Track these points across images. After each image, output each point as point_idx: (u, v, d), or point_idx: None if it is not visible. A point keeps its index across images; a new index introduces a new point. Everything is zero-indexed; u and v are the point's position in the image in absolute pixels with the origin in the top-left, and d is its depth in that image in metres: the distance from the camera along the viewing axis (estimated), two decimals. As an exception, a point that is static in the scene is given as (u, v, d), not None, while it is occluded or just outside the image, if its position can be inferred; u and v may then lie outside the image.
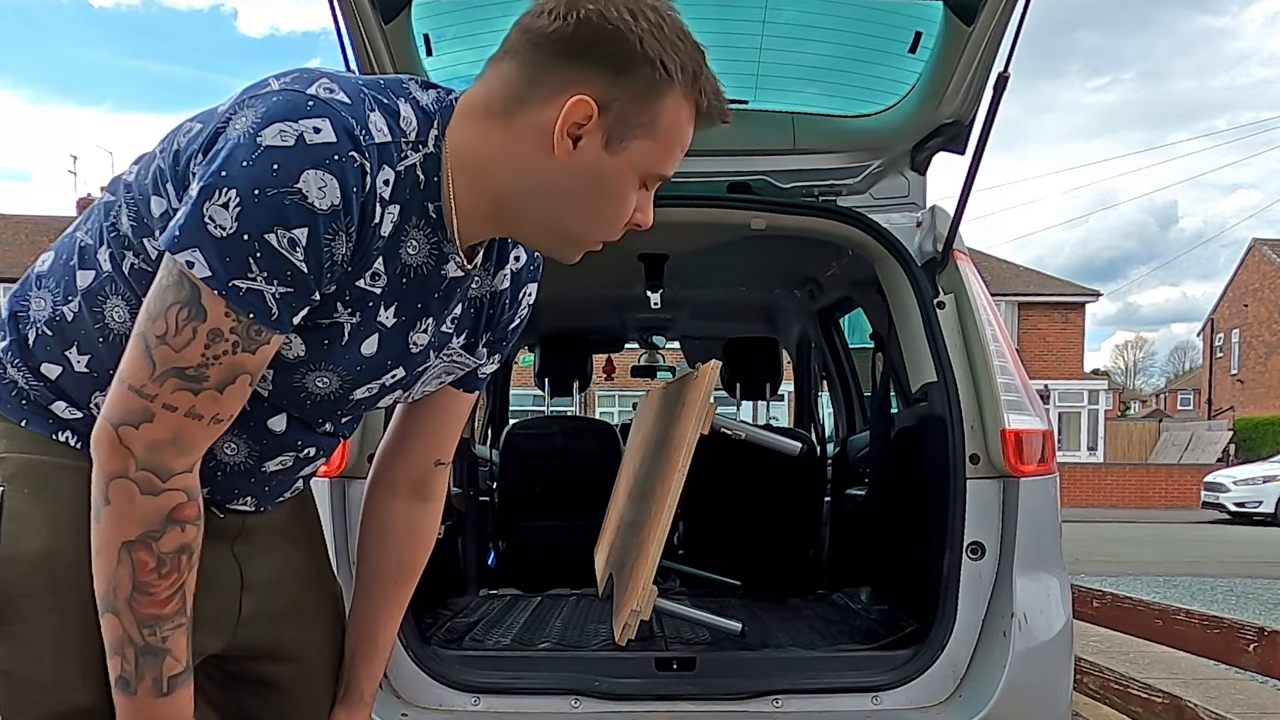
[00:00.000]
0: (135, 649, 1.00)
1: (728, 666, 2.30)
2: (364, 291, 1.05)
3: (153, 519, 0.98)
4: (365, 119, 0.98)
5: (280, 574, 1.26)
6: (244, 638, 1.22)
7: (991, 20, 2.28)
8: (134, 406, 0.96)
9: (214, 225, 0.92)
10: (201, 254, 0.93)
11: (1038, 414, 2.33)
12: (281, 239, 0.94)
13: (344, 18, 2.25)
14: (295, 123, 0.94)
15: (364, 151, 0.97)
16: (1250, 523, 17.07)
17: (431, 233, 1.07)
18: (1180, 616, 3.16)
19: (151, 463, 0.97)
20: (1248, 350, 34.44)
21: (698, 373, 2.63)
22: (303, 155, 0.93)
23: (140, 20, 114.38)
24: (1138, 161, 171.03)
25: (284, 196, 0.93)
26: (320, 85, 0.98)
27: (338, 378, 1.10)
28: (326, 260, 0.97)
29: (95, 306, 1.05)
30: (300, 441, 1.17)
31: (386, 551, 1.35)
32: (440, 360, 1.21)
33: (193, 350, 0.96)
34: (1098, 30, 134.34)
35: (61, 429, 1.08)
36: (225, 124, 0.97)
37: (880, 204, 2.75)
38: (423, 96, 1.07)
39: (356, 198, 0.97)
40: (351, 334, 1.07)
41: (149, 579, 0.99)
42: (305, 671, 1.32)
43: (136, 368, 0.96)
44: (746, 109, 2.75)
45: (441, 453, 1.34)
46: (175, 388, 0.96)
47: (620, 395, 24.25)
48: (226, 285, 0.94)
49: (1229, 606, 7.49)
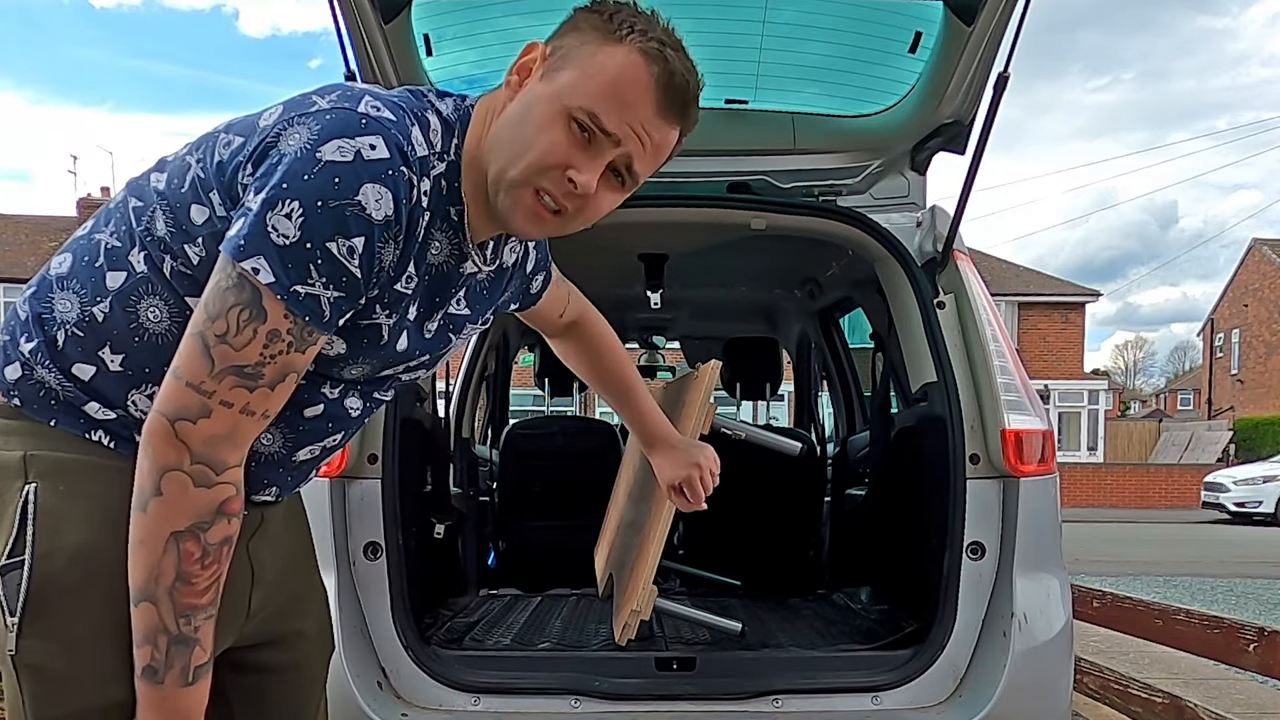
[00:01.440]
0: (169, 638, 1.02)
1: (728, 666, 2.30)
2: (399, 294, 1.13)
3: (204, 511, 1.02)
4: (410, 134, 1.06)
5: (283, 567, 1.30)
6: (250, 630, 1.26)
7: (991, 20, 2.28)
8: (191, 402, 1.00)
9: (277, 234, 0.99)
10: (266, 261, 0.99)
11: (1038, 414, 2.33)
12: (342, 247, 1.01)
13: (344, 18, 2.25)
14: (352, 139, 1.01)
15: (412, 165, 1.05)
16: (1250, 523, 17.06)
17: (453, 234, 1.16)
18: (1180, 616, 3.16)
19: (208, 456, 1.01)
20: (1248, 350, 34.43)
21: (698, 373, 2.63)
22: (362, 170, 1.00)
23: (141, 20, 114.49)
24: (1138, 161, 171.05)
25: (345, 208, 1.00)
26: (368, 103, 1.05)
27: (369, 367, 1.18)
28: (377, 266, 1.05)
29: (129, 307, 1.09)
30: (331, 425, 1.22)
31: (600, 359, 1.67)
32: (459, 339, 1.30)
33: (252, 349, 1.01)
34: (1098, 30, 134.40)
35: (94, 429, 1.10)
36: (276, 139, 1.02)
37: (880, 204, 2.75)
38: (443, 107, 1.14)
39: (405, 208, 1.05)
40: (390, 334, 1.15)
41: (193, 569, 1.02)
42: (300, 659, 1.35)
43: (195, 364, 1.01)
44: (746, 109, 2.75)
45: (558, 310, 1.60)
46: (233, 385, 1.01)
47: (620, 395, 24.22)
48: (288, 290, 1.00)
49: (1229, 606, 7.49)
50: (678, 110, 1.11)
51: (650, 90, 1.08)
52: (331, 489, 2.24)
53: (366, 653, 2.24)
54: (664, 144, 1.14)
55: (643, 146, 1.11)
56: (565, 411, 8.74)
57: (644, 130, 1.10)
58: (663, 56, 1.08)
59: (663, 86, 1.08)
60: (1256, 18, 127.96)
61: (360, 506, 2.27)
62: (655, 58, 1.08)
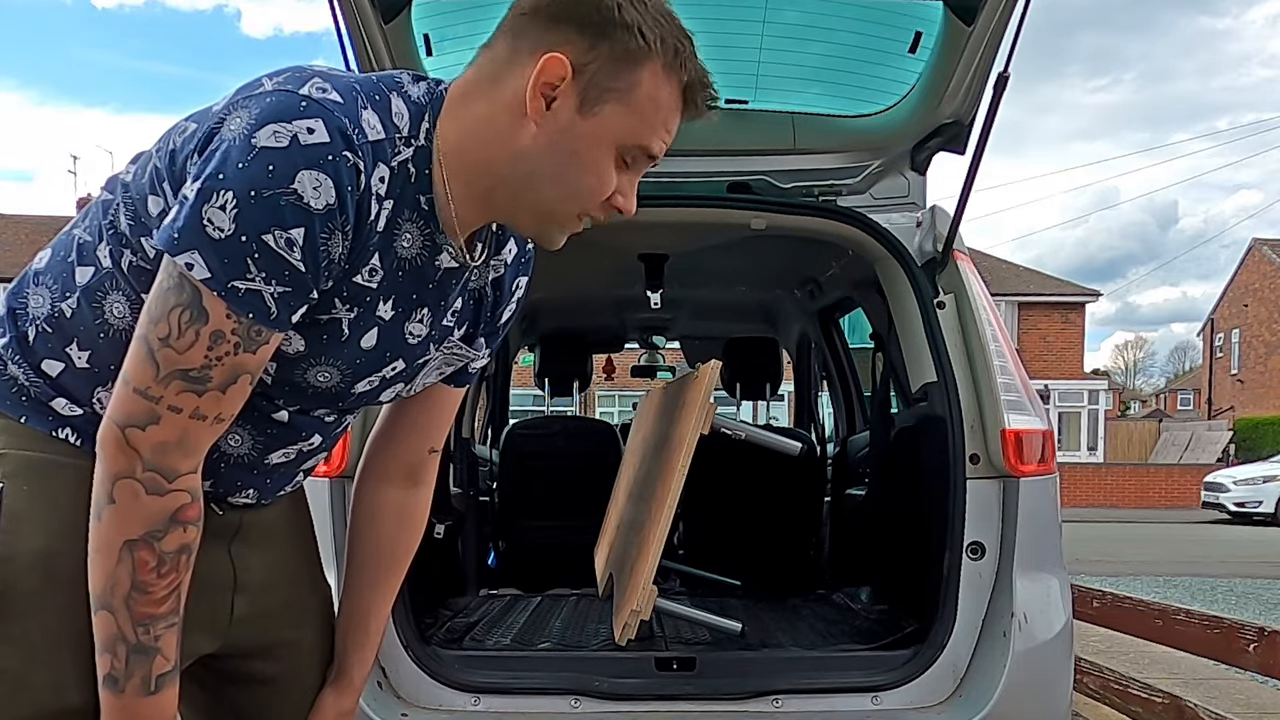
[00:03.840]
0: (128, 647, 1.00)
1: (728, 666, 2.30)
2: (361, 287, 1.06)
3: (157, 519, 0.99)
4: (358, 117, 0.99)
5: (273, 574, 1.26)
6: (236, 638, 1.22)
7: (991, 20, 2.28)
8: (139, 409, 0.97)
9: (212, 227, 0.93)
10: (200, 256, 0.94)
11: (1038, 414, 2.33)
12: (279, 239, 0.95)
13: (344, 18, 2.25)
14: (289, 123, 0.94)
15: (357, 150, 0.98)
16: (1250, 523, 17.07)
17: (424, 225, 1.08)
18: (1180, 616, 3.16)
19: (158, 464, 0.98)
20: (1248, 350, 34.43)
21: (698, 373, 2.63)
22: (297, 156, 0.94)
23: (143, 21, 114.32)
24: (1138, 161, 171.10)
25: (280, 197, 0.94)
26: (313, 85, 0.98)
27: (338, 371, 1.11)
28: (323, 259, 0.99)
29: (95, 302, 1.06)
30: (304, 432, 1.17)
31: (379, 537, 1.36)
32: (440, 353, 1.22)
33: (196, 352, 0.97)
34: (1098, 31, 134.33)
35: (61, 426, 1.08)
36: (219, 124, 0.97)
37: (880, 204, 2.74)
38: (414, 90, 1.07)
39: (351, 196, 0.98)
40: (350, 329, 1.08)
41: (148, 578, 0.99)
42: (294, 671, 1.32)
43: (140, 370, 0.97)
44: (746, 109, 2.75)
45: (434, 441, 1.35)
46: (180, 390, 0.97)
47: (620, 395, 24.25)
48: (226, 287, 0.95)
49: (1229, 606, 7.49)
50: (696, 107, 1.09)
51: (679, 102, 1.07)
52: (331, 489, 2.24)
53: (366, 653, 2.23)
54: None
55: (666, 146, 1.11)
56: (565, 411, 8.73)
57: (670, 134, 1.09)
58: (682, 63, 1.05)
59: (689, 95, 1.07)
60: (1257, 18, 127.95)
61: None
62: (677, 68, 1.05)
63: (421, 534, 1.39)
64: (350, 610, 1.37)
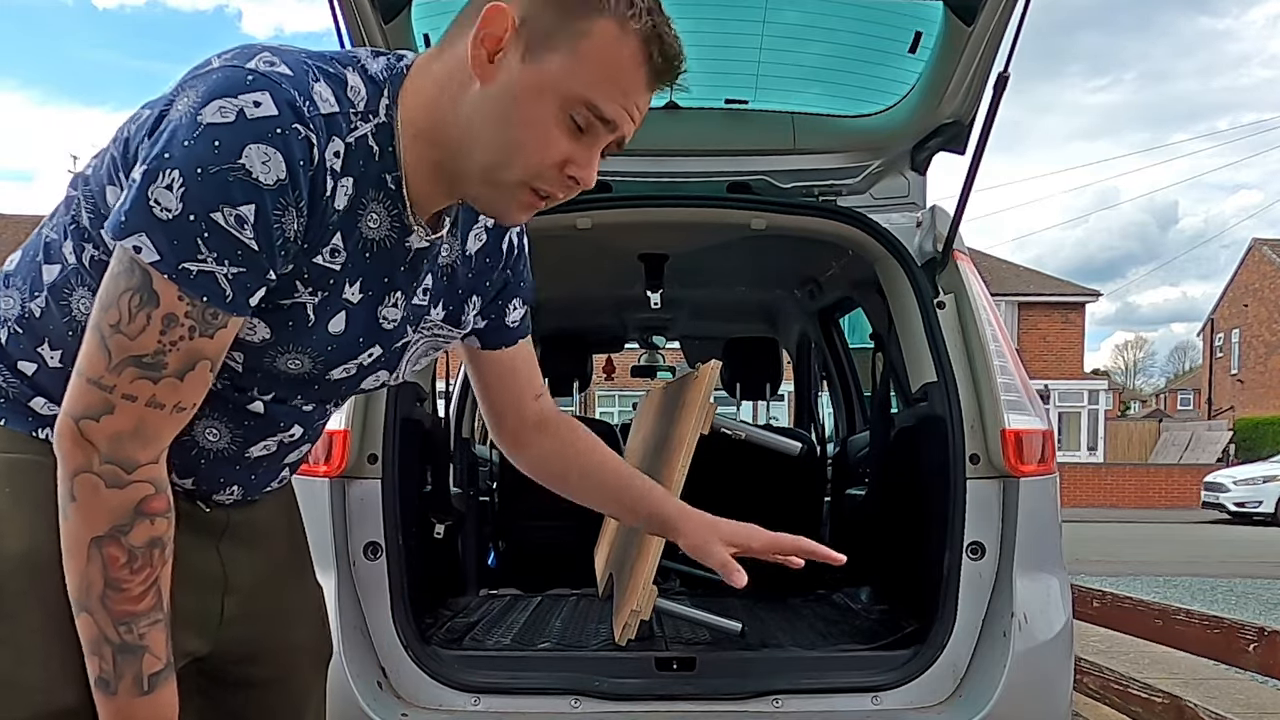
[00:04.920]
0: (112, 648, 0.99)
1: (728, 666, 2.30)
2: (324, 269, 1.03)
3: (120, 513, 0.96)
4: (309, 90, 0.96)
5: (264, 574, 1.24)
6: (227, 640, 1.21)
7: (991, 20, 2.28)
8: (93, 399, 0.95)
9: (159, 208, 0.91)
10: (149, 238, 0.91)
11: (1038, 414, 2.33)
12: (229, 217, 0.92)
13: (344, 18, 2.26)
14: (235, 98, 0.92)
15: (309, 123, 0.94)
16: (1250, 523, 17.07)
17: (391, 204, 1.05)
18: (1180, 616, 3.16)
19: (115, 455, 0.95)
20: (1248, 350, 34.44)
21: (698, 373, 2.63)
22: (244, 130, 0.91)
23: (144, 21, 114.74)
24: (1138, 161, 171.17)
25: (227, 173, 0.91)
26: (260, 59, 0.96)
27: (309, 359, 1.08)
28: (278, 237, 0.95)
29: (62, 300, 1.04)
30: (282, 423, 1.14)
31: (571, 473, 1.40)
32: (421, 335, 1.19)
33: (148, 337, 0.94)
34: (1098, 31, 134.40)
35: (41, 426, 1.06)
36: (168, 107, 0.95)
37: (880, 204, 2.75)
38: (372, 65, 1.04)
39: (304, 171, 0.95)
40: (316, 313, 1.05)
41: (121, 575, 0.97)
42: (286, 673, 1.30)
43: (93, 359, 0.95)
44: (746, 109, 2.75)
45: (534, 388, 1.37)
46: (133, 377, 0.95)
47: (620, 395, 24.25)
48: (176, 269, 0.92)
49: (1229, 606, 7.49)
50: (667, 79, 1.03)
51: (644, 68, 1.00)
52: (331, 489, 2.24)
53: (366, 653, 2.23)
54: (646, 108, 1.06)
55: (633, 122, 1.04)
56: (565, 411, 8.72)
57: (636, 108, 1.03)
58: (653, 28, 0.99)
59: (655, 63, 1.01)
60: (1257, 19, 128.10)
61: (360, 506, 2.27)
62: (647, 33, 0.99)
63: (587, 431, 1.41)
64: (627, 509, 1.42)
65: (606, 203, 2.52)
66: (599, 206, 2.52)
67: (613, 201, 2.53)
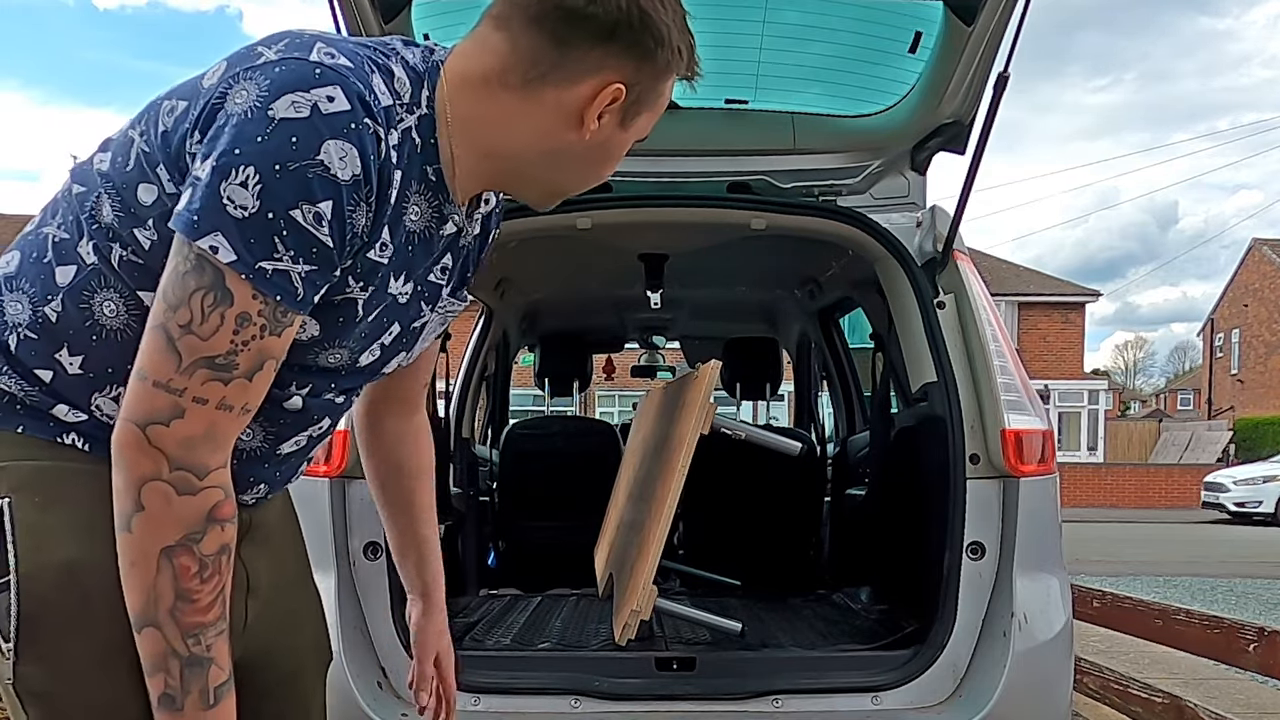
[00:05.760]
0: (181, 662, 0.95)
1: (728, 666, 2.30)
2: (374, 263, 1.02)
3: (193, 520, 0.93)
4: (370, 82, 0.96)
5: (276, 576, 1.24)
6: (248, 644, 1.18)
7: (991, 20, 2.28)
8: (161, 403, 0.91)
9: (234, 206, 0.89)
10: (224, 237, 0.89)
11: (1038, 414, 2.33)
12: (307, 214, 0.91)
13: (344, 18, 2.25)
14: (307, 92, 0.91)
15: (376, 117, 0.95)
16: (1250, 523, 17.06)
17: (432, 196, 1.06)
18: (1180, 616, 3.16)
19: (187, 461, 0.92)
20: (1248, 350, 34.43)
21: (698, 373, 2.63)
22: (321, 125, 0.90)
23: (146, 21, 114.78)
24: (1138, 161, 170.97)
25: (307, 170, 0.90)
26: (320, 50, 0.95)
27: (348, 351, 1.09)
28: (349, 233, 0.95)
29: (82, 304, 1.00)
30: (315, 416, 1.14)
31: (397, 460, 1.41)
32: (436, 314, 1.20)
33: (221, 337, 0.92)
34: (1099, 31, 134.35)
35: (66, 432, 1.02)
36: (222, 100, 0.92)
37: (880, 204, 2.75)
38: (410, 55, 1.05)
39: (374, 164, 0.95)
40: (364, 308, 1.05)
41: (192, 585, 0.94)
42: (295, 675, 1.30)
43: (160, 361, 0.91)
44: (746, 109, 2.75)
45: (425, 377, 1.42)
46: (205, 379, 0.92)
47: (620, 395, 24.25)
48: (254, 268, 0.90)
49: (1229, 606, 7.48)
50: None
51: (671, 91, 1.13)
52: (331, 489, 2.24)
53: (366, 653, 2.23)
54: None
55: None
56: (565, 411, 8.73)
57: None
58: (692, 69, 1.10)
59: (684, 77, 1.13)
60: (1258, 19, 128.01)
61: (360, 506, 2.26)
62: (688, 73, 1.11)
63: (432, 452, 1.45)
64: (400, 540, 1.43)
65: (606, 203, 2.52)
66: (599, 206, 2.52)
67: (613, 201, 2.53)
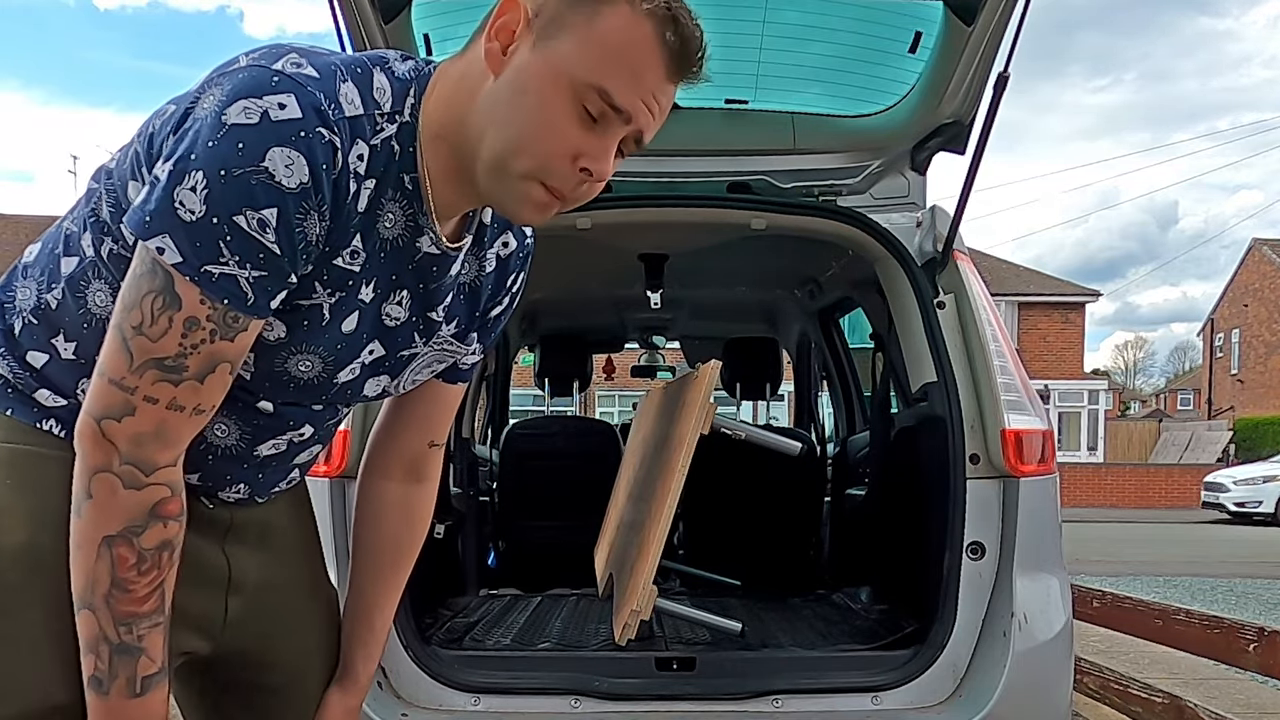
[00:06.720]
0: (110, 647, 0.98)
1: (728, 666, 2.30)
2: (343, 270, 1.02)
3: (135, 514, 0.97)
4: (335, 93, 0.95)
5: (272, 577, 1.23)
6: (232, 641, 1.20)
7: (991, 20, 2.28)
8: (115, 400, 0.95)
9: (184, 209, 0.90)
10: (172, 240, 0.91)
11: (1038, 414, 2.33)
12: (251, 220, 0.91)
13: (344, 18, 2.25)
14: (260, 99, 0.91)
15: (333, 127, 0.94)
16: (1250, 523, 17.06)
17: (407, 204, 1.04)
18: (1180, 616, 3.16)
19: (136, 456, 0.96)
20: (1248, 350, 34.43)
21: (698, 373, 2.63)
22: (268, 132, 0.90)
23: (146, 22, 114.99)
24: (1139, 161, 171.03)
25: (250, 176, 0.90)
26: (288, 60, 0.95)
27: (319, 359, 1.07)
28: (300, 241, 0.95)
29: (78, 292, 1.04)
30: (293, 422, 1.14)
31: (382, 533, 1.33)
32: (430, 349, 1.18)
33: (169, 340, 0.94)
34: (1099, 31, 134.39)
35: (46, 417, 1.06)
36: (194, 104, 0.94)
37: (880, 204, 2.75)
38: (400, 67, 1.04)
39: (327, 175, 0.94)
40: (332, 313, 1.05)
41: (128, 575, 0.97)
42: (296, 680, 1.29)
43: (115, 360, 0.95)
44: (746, 109, 2.75)
45: (435, 435, 1.32)
46: (155, 379, 0.95)
47: (620, 395, 24.25)
48: (198, 271, 0.92)
49: (1229, 606, 7.48)
50: (687, 71, 0.99)
51: (660, 54, 0.96)
52: (331, 489, 2.23)
53: (366, 653, 2.23)
54: (669, 105, 1.02)
55: (652, 116, 1.00)
56: (565, 411, 8.73)
57: (654, 99, 0.99)
58: (668, 10, 0.96)
59: (673, 49, 0.97)
60: (1258, 19, 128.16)
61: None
62: (660, 15, 0.95)
63: (426, 530, 1.37)
64: (355, 608, 1.34)
65: (606, 203, 2.52)
66: (599, 206, 2.51)
67: (613, 201, 2.52)
